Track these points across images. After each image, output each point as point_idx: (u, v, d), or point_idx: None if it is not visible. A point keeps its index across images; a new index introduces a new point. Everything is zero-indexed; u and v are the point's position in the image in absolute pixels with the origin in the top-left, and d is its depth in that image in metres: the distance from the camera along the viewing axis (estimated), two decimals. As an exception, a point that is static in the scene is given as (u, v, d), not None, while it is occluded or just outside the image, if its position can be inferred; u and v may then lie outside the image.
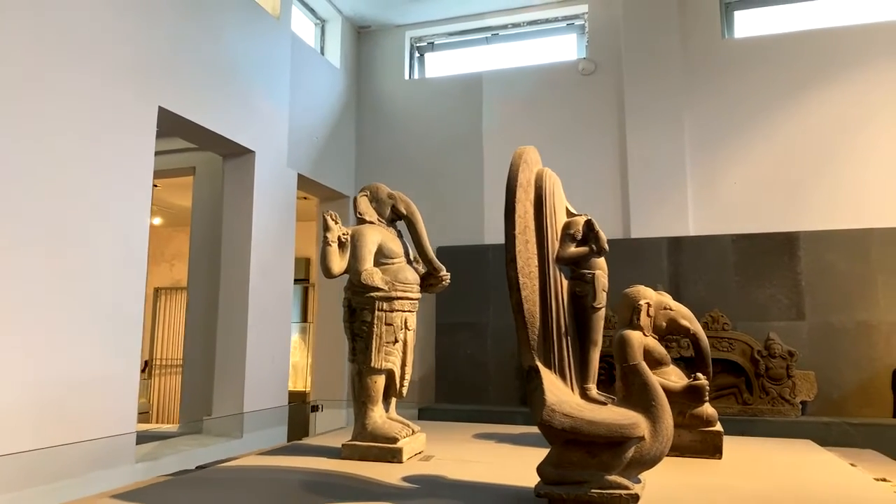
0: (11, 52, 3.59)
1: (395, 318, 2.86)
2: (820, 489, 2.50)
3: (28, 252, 3.63)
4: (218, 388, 5.67)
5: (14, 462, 3.50)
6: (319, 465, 2.70)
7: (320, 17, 7.65)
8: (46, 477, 3.69)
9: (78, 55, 4.03)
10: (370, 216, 3.04)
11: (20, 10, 3.65)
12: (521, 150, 2.21)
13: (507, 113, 7.29)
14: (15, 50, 3.60)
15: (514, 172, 2.13)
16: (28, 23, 3.69)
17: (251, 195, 5.85)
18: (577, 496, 1.97)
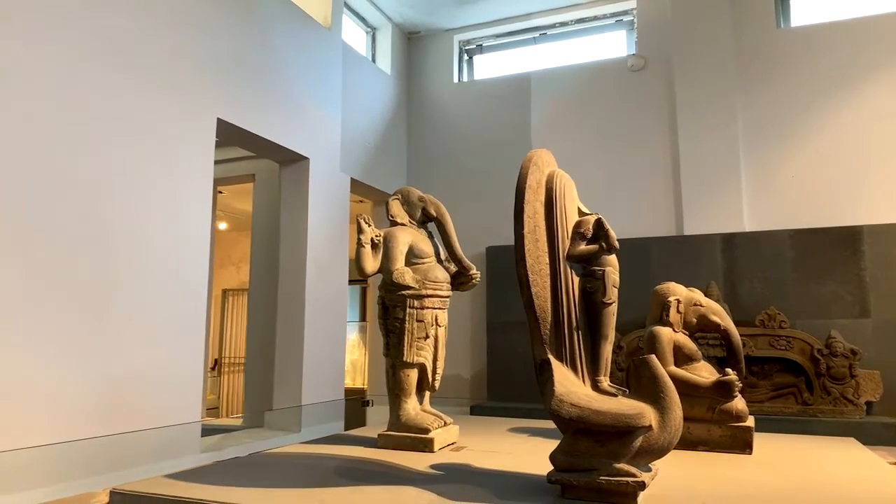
0: (81, 70, 3.94)
1: (426, 314, 3.00)
2: (845, 484, 2.47)
3: (105, 256, 3.99)
4: (278, 385, 5.98)
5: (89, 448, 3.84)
6: (356, 453, 2.88)
7: (371, 25, 7.90)
8: (119, 463, 4.02)
9: (142, 71, 4.36)
10: (402, 218, 3.20)
11: (87, 30, 4.00)
12: (532, 153, 2.31)
13: (556, 112, 7.32)
14: (83, 67, 3.95)
15: (523, 175, 2.24)
16: (95, 41, 4.03)
17: (306, 200, 6.13)
18: (587, 482, 2.05)
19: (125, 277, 4.14)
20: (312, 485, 2.29)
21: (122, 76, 4.21)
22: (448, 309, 3.16)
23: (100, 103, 4.05)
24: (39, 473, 3.55)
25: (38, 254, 3.60)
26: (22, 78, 3.58)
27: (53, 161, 3.73)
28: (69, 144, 3.84)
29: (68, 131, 3.84)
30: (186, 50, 4.76)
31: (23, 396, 3.50)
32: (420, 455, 2.82)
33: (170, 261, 4.52)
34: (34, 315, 3.58)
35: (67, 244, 3.77)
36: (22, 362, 3.50)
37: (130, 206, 4.22)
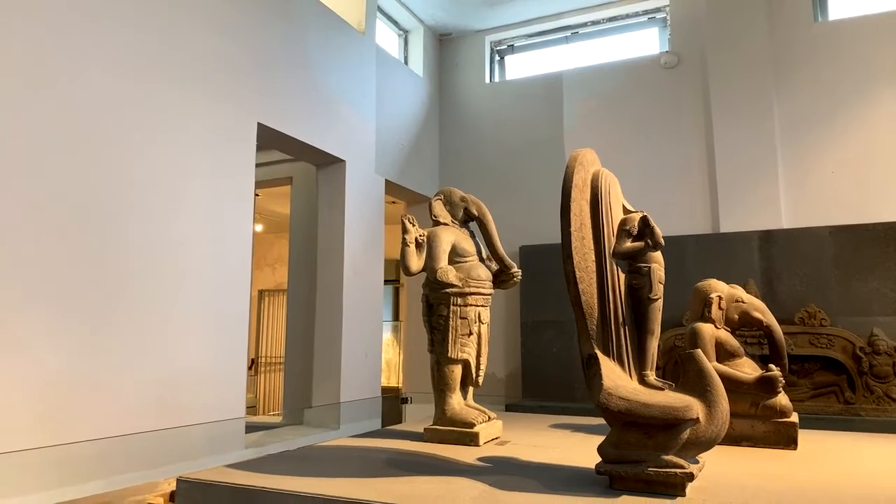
0: (130, 78, 4.10)
1: (469, 312, 3.07)
2: (891, 481, 2.46)
3: (153, 257, 4.14)
4: (317, 383, 6.10)
5: (141, 442, 3.99)
6: (404, 446, 2.96)
7: (403, 29, 8.00)
8: (169, 457, 4.17)
9: (187, 78, 4.51)
10: (444, 218, 3.27)
11: (136, 40, 4.15)
12: (577, 152, 2.36)
13: (589, 111, 7.33)
14: (133, 75, 4.11)
15: (569, 174, 2.29)
16: (143, 51, 4.19)
17: (343, 201, 6.25)
18: (635, 474, 2.10)
19: (172, 278, 4.29)
20: (365, 475, 2.38)
21: (168, 84, 4.36)
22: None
23: (148, 110, 4.20)
24: (100, 465, 3.71)
25: (93, 255, 3.76)
26: (75, 86, 3.75)
27: (104, 165, 3.89)
28: (120, 149, 4.00)
29: (119, 137, 4.00)
30: (229, 58, 4.90)
31: (83, 392, 3.66)
32: (466, 449, 2.89)
33: (214, 262, 4.67)
34: (91, 314, 3.74)
35: (120, 246, 3.93)
36: (81, 359, 3.66)
37: (177, 209, 4.37)
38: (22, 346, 3.37)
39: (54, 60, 3.66)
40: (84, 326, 3.68)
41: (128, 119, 4.05)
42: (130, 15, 4.11)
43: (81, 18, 3.82)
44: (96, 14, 3.90)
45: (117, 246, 3.92)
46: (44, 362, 3.47)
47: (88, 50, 3.82)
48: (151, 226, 4.17)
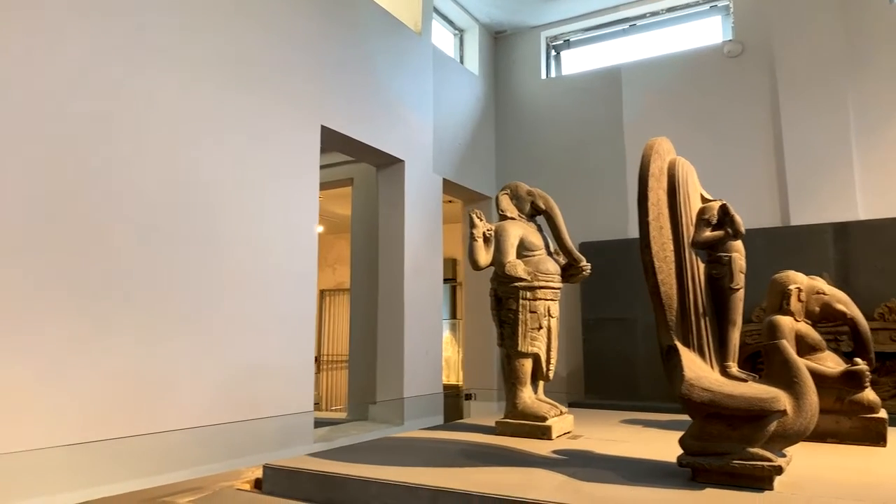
0: (199, 83, 4.26)
1: (539, 306, 3.07)
2: None
3: (224, 256, 4.30)
4: (380, 380, 6.20)
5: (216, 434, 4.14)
6: (476, 438, 2.98)
7: (458, 28, 8.05)
8: (244, 449, 4.32)
9: (254, 84, 4.66)
10: (511, 212, 3.28)
11: (203, 49, 4.32)
12: (653, 141, 2.33)
13: (649, 104, 7.20)
14: (202, 81, 4.27)
15: (645, 163, 2.27)
16: (210, 56, 4.35)
17: (402, 201, 6.34)
18: (720, 466, 2.06)
19: (244, 277, 4.44)
20: (443, 465, 2.41)
21: (235, 90, 4.51)
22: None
23: (217, 114, 4.36)
24: (181, 455, 3.88)
25: (172, 255, 3.94)
26: (149, 91, 3.93)
27: (176, 167, 4.06)
28: (192, 152, 4.17)
29: (191, 140, 4.18)
30: (293, 62, 5.03)
31: (164, 385, 3.83)
32: (538, 442, 2.89)
33: (282, 261, 4.80)
34: (169, 312, 3.92)
35: (194, 246, 4.10)
36: (161, 353, 3.83)
37: (246, 210, 4.52)
38: (106, 342, 3.55)
39: (129, 68, 3.84)
40: (162, 323, 3.86)
41: (198, 122, 4.22)
42: (200, 24, 4.28)
43: (154, 27, 4.00)
44: (169, 23, 4.07)
45: (191, 246, 4.08)
46: (128, 356, 3.65)
47: (162, 57, 4.00)
48: (223, 226, 4.33)
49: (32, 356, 3.21)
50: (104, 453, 3.46)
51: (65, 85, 3.48)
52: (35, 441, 3.14)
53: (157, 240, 3.88)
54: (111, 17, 3.74)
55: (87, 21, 3.60)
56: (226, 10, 4.48)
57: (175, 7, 4.13)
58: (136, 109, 3.81)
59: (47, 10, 3.40)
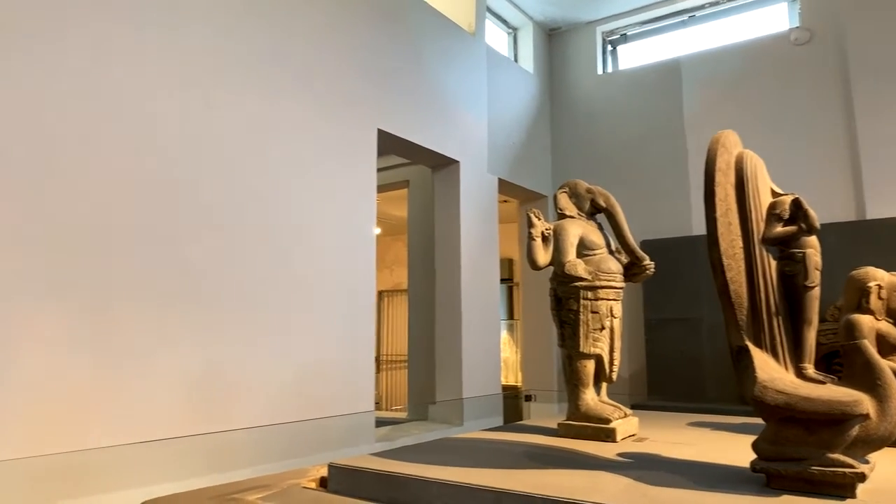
0: (257, 91, 4.38)
1: (601, 306, 3.01)
2: None
3: (288, 258, 4.40)
4: (439, 381, 6.23)
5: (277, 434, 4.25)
6: (538, 440, 2.95)
7: (512, 27, 8.00)
8: (307, 447, 4.41)
9: (311, 89, 4.76)
10: (570, 211, 3.23)
11: (262, 55, 4.44)
12: (719, 134, 2.25)
13: (711, 96, 6.97)
14: (260, 88, 4.39)
15: (711, 157, 2.19)
16: (269, 65, 4.47)
17: (458, 202, 6.34)
18: (797, 472, 1.96)
19: (305, 278, 4.54)
20: (505, 466, 2.40)
21: (294, 96, 4.61)
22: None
23: (278, 122, 4.48)
24: (248, 452, 4.01)
25: (235, 258, 4.06)
26: (209, 98, 4.07)
27: (238, 173, 4.19)
28: (253, 158, 4.30)
29: (253, 147, 4.30)
30: (349, 67, 5.11)
31: (230, 384, 3.96)
32: (602, 444, 2.84)
33: (342, 263, 4.89)
34: (235, 314, 4.05)
35: (258, 249, 4.22)
36: (228, 355, 3.96)
37: (306, 213, 4.62)
38: (177, 344, 3.70)
39: (205, 81, 3.98)
40: (229, 324, 3.99)
41: (260, 128, 4.34)
42: (259, 30, 4.40)
43: (213, 35, 4.13)
44: (226, 31, 4.20)
45: (256, 248, 4.20)
46: (197, 357, 3.79)
47: (222, 64, 4.13)
48: (285, 230, 4.44)
49: (105, 356, 3.36)
50: (173, 451, 3.60)
51: (131, 91, 3.64)
52: (106, 438, 3.29)
53: (223, 242, 4.01)
54: (163, 27, 3.89)
55: (139, 26, 3.75)
56: (281, 17, 4.59)
57: (232, 14, 4.26)
58: (197, 115, 3.95)
59: (95, 22, 3.56)
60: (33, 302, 3.11)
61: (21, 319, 3.06)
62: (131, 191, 3.56)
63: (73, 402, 3.20)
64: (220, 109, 4.10)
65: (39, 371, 3.09)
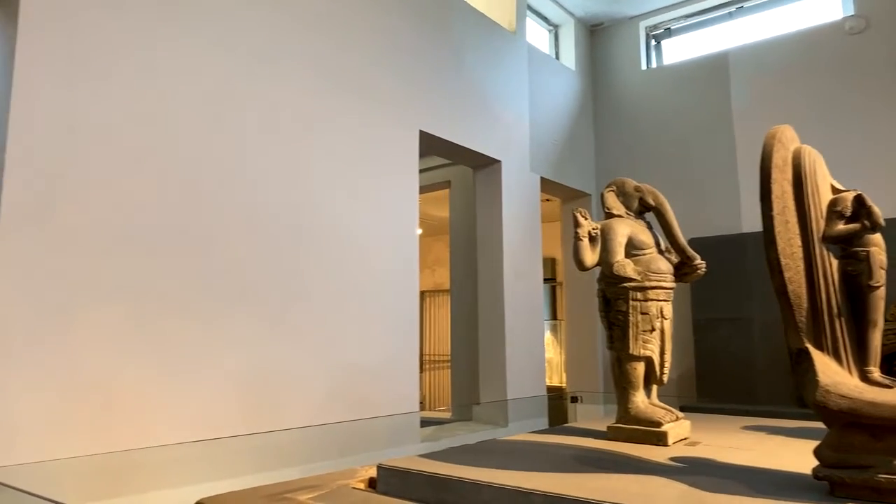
0: (303, 93, 4.45)
1: (651, 307, 2.95)
2: None
3: (327, 260, 4.46)
4: (483, 381, 6.21)
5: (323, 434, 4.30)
6: (587, 443, 2.91)
7: (553, 24, 7.93)
8: (353, 447, 4.45)
9: (355, 91, 4.80)
10: (618, 210, 3.17)
11: (302, 57, 4.50)
12: (775, 129, 2.18)
13: (761, 90, 6.78)
14: (304, 91, 4.45)
15: (767, 153, 2.12)
16: (312, 66, 4.53)
17: (500, 202, 6.32)
18: (863, 480, 1.88)
19: (349, 279, 4.59)
20: (555, 470, 2.37)
21: (338, 97, 4.67)
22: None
23: (323, 124, 4.54)
24: (295, 452, 4.07)
25: (281, 259, 4.13)
26: (258, 101, 4.15)
27: (281, 174, 4.26)
28: (304, 161, 4.36)
29: (302, 150, 4.37)
30: (390, 68, 5.15)
31: (277, 384, 4.03)
32: (653, 448, 2.78)
33: (385, 263, 4.92)
34: (285, 314, 4.12)
35: (301, 249, 4.28)
36: (275, 355, 4.03)
37: (350, 214, 4.67)
38: (226, 345, 3.78)
39: (251, 85, 4.07)
40: (276, 325, 4.06)
41: (303, 131, 4.40)
42: (302, 33, 4.46)
43: (258, 37, 4.21)
44: (271, 33, 4.28)
45: (302, 250, 4.27)
46: (246, 358, 3.86)
47: (268, 67, 4.20)
48: (330, 231, 4.49)
49: (161, 357, 3.46)
50: (224, 449, 3.69)
51: (176, 95, 3.74)
52: (162, 437, 3.38)
53: (270, 243, 4.09)
54: (214, 29, 3.98)
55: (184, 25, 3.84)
56: (323, 20, 4.65)
57: (274, 16, 4.34)
58: (244, 118, 4.04)
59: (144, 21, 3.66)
60: (94, 305, 3.22)
61: (82, 322, 3.17)
62: (183, 194, 3.66)
63: (130, 401, 3.30)
64: (267, 112, 4.18)
65: (99, 371, 3.20)
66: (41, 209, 3.08)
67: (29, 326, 2.98)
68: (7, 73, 3.12)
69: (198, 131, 3.78)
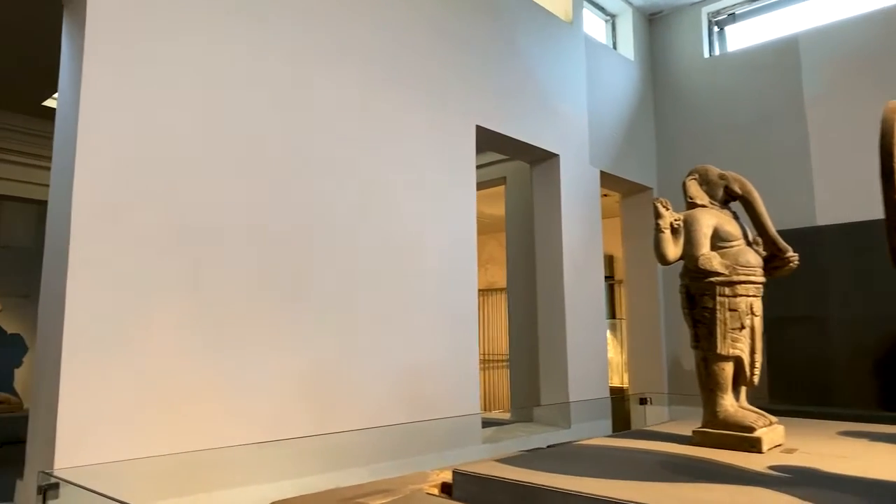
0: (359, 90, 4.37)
1: (740, 303, 2.74)
2: None
3: (387, 259, 4.37)
4: (544, 382, 6.04)
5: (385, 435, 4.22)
6: (671, 449, 2.73)
7: (609, 13, 7.68)
8: (411, 448, 4.36)
9: (410, 86, 4.70)
10: (701, 199, 2.97)
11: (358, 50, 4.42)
12: (893, 102, 1.96)
13: (835, 73, 6.39)
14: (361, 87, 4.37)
15: (887, 129, 1.91)
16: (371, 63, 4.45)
17: (559, 197, 6.12)
18: None
19: (409, 278, 4.49)
20: (644, 478, 2.20)
21: (396, 94, 4.57)
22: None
23: (382, 123, 4.45)
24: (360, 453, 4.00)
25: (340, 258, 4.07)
26: (308, 94, 4.09)
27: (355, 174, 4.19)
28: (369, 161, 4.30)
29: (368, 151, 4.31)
30: (446, 62, 5.03)
31: (340, 384, 3.97)
32: (747, 455, 2.58)
33: (444, 262, 4.81)
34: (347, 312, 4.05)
35: (362, 248, 4.21)
36: (337, 355, 3.97)
37: (408, 212, 4.57)
38: (289, 344, 3.73)
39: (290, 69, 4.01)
40: (337, 325, 4.00)
41: (363, 131, 4.33)
42: (355, 25, 4.38)
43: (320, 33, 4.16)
44: (323, 25, 4.21)
45: (359, 248, 4.20)
46: (307, 357, 3.81)
47: (316, 58, 4.13)
48: (388, 228, 4.41)
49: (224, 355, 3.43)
50: (289, 449, 3.64)
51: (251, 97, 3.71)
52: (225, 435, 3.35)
53: (331, 242, 4.03)
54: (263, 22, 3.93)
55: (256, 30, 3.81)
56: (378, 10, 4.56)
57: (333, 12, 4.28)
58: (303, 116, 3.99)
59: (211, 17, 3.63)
60: (160, 306, 3.20)
61: (150, 323, 3.16)
62: (246, 193, 3.63)
63: (197, 400, 3.28)
64: (327, 110, 4.12)
65: (166, 371, 3.18)
66: (110, 210, 3.08)
67: (97, 327, 2.98)
68: (76, 75, 3.13)
69: (260, 131, 3.74)
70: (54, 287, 3.03)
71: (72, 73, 3.20)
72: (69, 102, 3.15)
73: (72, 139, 3.04)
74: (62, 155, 3.19)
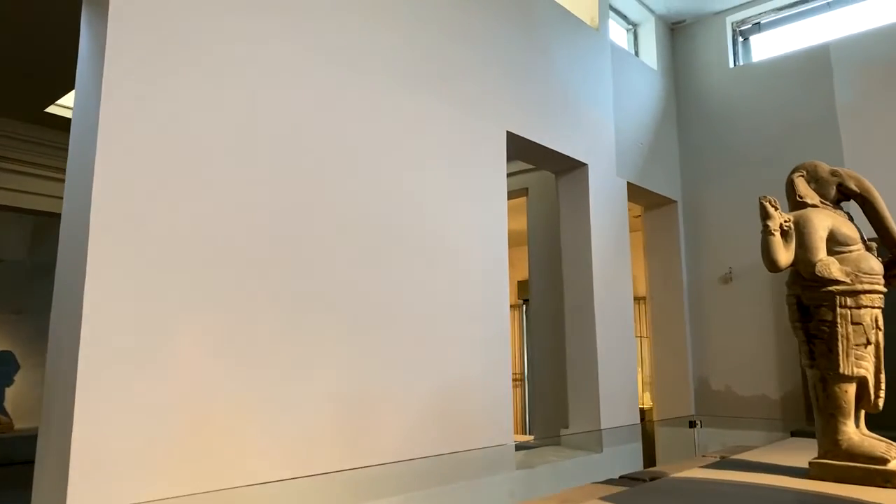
0: (390, 98, 4.04)
1: (864, 315, 2.41)
2: None
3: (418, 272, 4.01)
4: (573, 401, 5.67)
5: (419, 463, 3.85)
6: (787, 482, 2.38)
7: (632, 22, 7.47)
8: (445, 473, 4.00)
9: (441, 93, 4.38)
10: (812, 199, 2.65)
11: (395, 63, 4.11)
12: None
13: (869, 82, 6.19)
14: (392, 94, 4.04)
15: None
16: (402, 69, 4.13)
17: (587, 208, 5.82)
18: None
19: (439, 293, 4.15)
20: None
21: (427, 100, 4.25)
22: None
23: (410, 126, 4.12)
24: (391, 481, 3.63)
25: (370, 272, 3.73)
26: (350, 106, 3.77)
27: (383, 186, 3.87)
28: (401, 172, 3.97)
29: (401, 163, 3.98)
30: (476, 67, 4.74)
31: (372, 408, 3.59)
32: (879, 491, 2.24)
33: (474, 274, 4.46)
34: (378, 330, 3.70)
35: (392, 262, 3.85)
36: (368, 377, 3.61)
37: (440, 225, 4.23)
38: (320, 364, 3.37)
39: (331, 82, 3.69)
40: (369, 344, 3.66)
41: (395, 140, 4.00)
42: (386, 29, 4.07)
43: (350, 39, 3.84)
44: (363, 35, 3.91)
45: (392, 262, 3.85)
46: (340, 379, 3.45)
47: (346, 63, 3.80)
48: (420, 241, 4.06)
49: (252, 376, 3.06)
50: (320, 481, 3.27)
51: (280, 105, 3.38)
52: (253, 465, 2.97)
53: (362, 256, 3.71)
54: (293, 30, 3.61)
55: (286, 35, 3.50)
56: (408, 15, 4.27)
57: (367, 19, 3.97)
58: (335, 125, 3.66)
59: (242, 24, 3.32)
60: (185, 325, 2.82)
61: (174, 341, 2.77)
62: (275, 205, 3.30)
63: (224, 427, 2.88)
64: (358, 118, 3.80)
65: (191, 395, 2.79)
66: (131, 222, 2.70)
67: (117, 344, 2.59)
68: (97, 73, 2.77)
69: (290, 140, 3.40)
70: (68, 304, 2.64)
71: (91, 74, 2.84)
72: (87, 106, 2.80)
73: (91, 144, 2.68)
74: (79, 161, 2.83)
